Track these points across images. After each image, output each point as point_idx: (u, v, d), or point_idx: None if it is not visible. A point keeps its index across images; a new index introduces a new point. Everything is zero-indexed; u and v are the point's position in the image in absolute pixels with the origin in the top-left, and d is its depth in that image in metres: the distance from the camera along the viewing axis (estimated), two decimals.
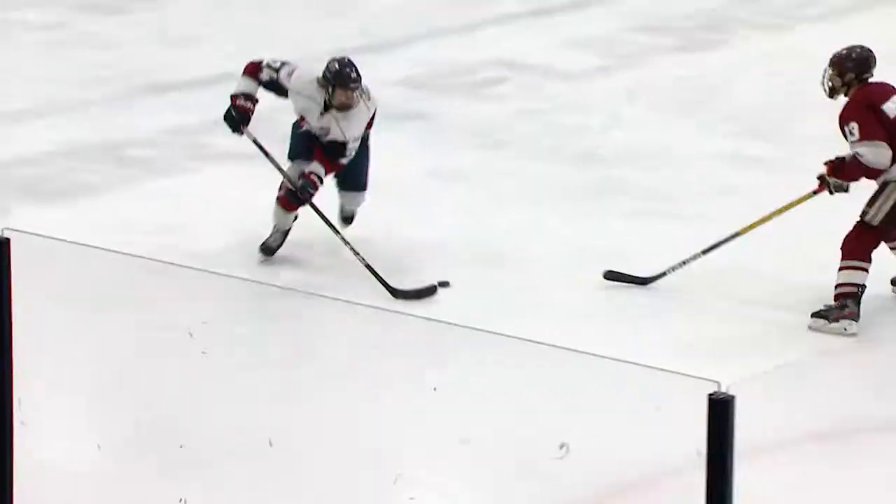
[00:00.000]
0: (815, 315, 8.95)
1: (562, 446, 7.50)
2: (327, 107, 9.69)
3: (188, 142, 11.89)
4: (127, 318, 9.02)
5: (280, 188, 10.00)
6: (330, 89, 9.63)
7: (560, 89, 12.96)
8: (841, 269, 8.93)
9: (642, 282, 9.76)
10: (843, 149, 9.68)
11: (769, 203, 10.60)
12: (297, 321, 9.43)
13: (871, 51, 9.20)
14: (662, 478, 7.54)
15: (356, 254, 9.98)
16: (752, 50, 14.41)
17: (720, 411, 3.68)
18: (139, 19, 14.45)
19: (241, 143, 10.25)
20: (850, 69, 9.03)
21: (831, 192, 9.11)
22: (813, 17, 15.13)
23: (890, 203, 8.81)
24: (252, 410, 8.13)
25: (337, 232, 10.15)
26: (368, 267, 9.86)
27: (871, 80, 9.09)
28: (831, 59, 9.12)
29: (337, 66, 9.69)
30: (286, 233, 10.21)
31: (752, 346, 9.13)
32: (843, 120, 8.91)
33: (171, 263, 8.81)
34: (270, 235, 10.13)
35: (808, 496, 7.56)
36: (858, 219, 8.95)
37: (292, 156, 10.06)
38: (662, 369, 6.04)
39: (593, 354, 7.54)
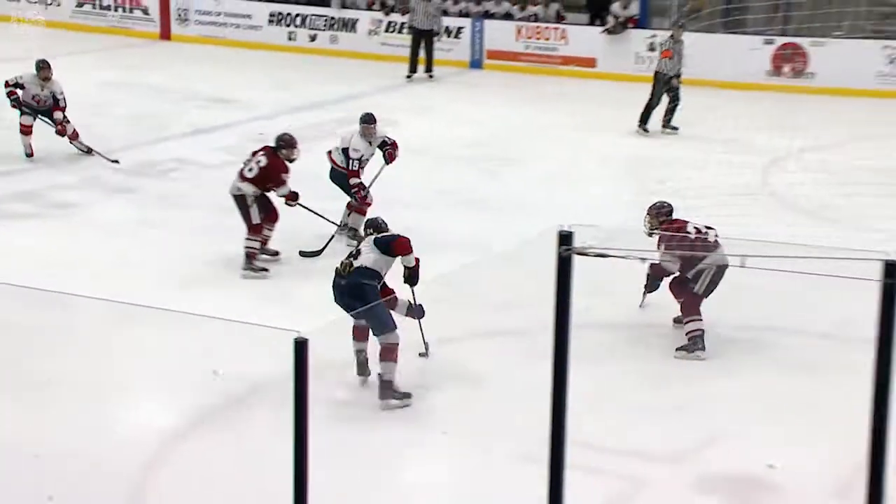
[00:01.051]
0: (680, 349, 8.16)
1: (215, 372, 7.64)
2: None
3: None
4: None
5: None
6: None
7: (210, 173, 12.79)
8: (687, 322, 8.15)
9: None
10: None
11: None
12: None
13: (663, 203, 8.58)
14: (264, 389, 7.37)
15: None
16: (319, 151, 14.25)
17: (300, 349, 3.56)
18: None
19: None
20: (661, 215, 8.44)
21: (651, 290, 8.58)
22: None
23: (707, 281, 8.07)
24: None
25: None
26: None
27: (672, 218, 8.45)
28: (649, 211, 8.52)
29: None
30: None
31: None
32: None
33: None
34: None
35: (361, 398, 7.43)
36: (690, 289, 8.19)
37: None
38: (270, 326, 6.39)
39: (204, 315, 7.61)
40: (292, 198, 10.12)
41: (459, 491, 6.59)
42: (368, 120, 10.66)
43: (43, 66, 12.79)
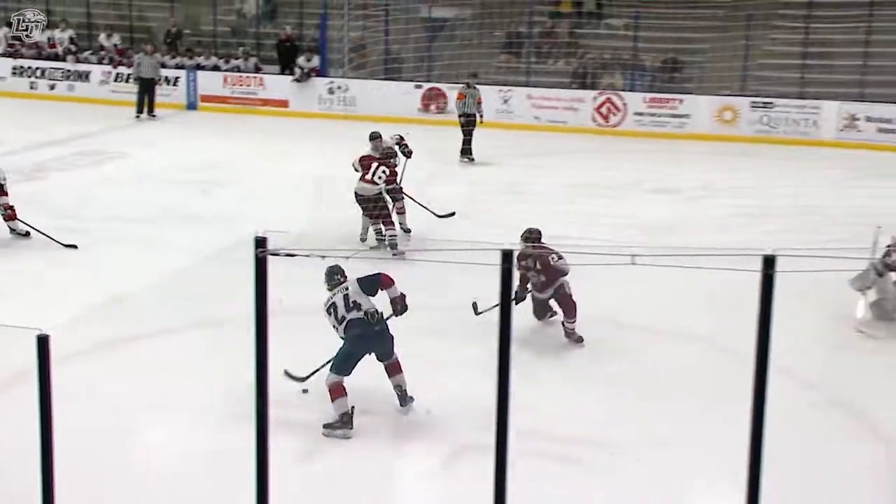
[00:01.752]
0: (579, 341, 7.82)
1: None
2: None
3: None
4: None
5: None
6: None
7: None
8: (571, 321, 7.83)
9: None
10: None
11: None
12: None
13: (536, 229, 8.02)
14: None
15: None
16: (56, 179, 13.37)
17: (43, 345, 3.24)
18: None
19: None
20: (530, 240, 7.86)
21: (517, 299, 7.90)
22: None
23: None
24: None
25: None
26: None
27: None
28: (523, 236, 7.98)
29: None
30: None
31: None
32: (538, 261, 7.73)
33: None
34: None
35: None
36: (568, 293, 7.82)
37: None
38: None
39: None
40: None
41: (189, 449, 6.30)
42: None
43: None
